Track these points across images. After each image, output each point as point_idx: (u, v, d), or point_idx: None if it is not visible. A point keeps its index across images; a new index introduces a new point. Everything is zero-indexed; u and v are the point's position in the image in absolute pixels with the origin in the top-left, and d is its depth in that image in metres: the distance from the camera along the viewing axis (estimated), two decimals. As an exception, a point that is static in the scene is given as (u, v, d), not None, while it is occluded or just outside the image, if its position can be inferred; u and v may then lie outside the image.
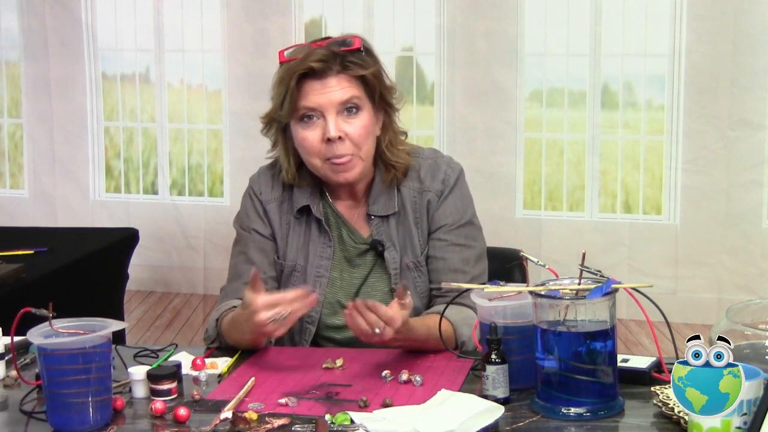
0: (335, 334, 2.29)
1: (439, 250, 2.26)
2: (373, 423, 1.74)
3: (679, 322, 4.58)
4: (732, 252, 4.84)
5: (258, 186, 2.34)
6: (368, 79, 2.20)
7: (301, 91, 2.18)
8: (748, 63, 4.72)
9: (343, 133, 2.17)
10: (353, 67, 2.18)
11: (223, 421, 1.78)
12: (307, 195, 2.29)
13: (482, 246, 2.32)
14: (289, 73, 2.18)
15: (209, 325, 2.26)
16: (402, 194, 2.28)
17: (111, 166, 5.70)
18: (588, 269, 1.85)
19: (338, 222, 2.30)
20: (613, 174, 5.04)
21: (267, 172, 2.35)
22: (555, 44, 5.00)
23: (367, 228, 2.29)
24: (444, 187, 2.27)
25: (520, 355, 1.88)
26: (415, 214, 2.27)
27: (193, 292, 5.53)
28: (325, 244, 2.27)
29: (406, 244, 2.26)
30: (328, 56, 2.17)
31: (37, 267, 3.25)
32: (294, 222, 2.30)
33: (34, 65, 5.63)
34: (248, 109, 5.31)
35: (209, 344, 2.24)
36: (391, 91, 2.26)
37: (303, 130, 2.20)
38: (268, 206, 2.31)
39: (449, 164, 2.30)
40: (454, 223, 2.27)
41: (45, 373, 1.77)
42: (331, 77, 2.17)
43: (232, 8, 5.33)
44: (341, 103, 2.17)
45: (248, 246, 2.31)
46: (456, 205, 2.28)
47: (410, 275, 2.25)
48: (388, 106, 2.26)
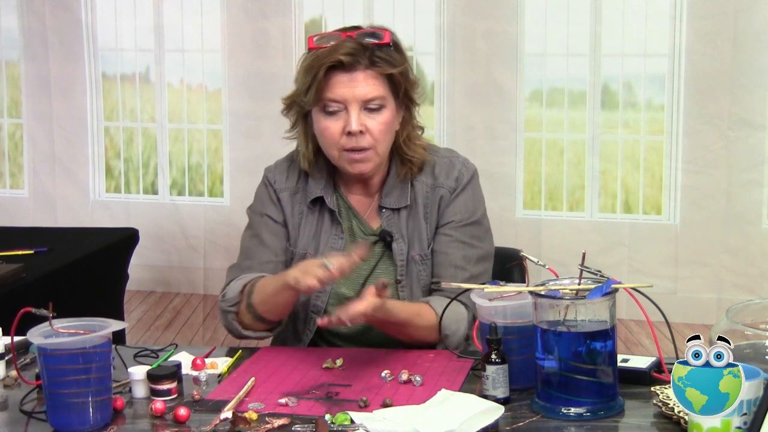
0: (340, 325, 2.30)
1: (443, 244, 2.28)
2: (373, 423, 1.74)
3: (679, 322, 4.57)
4: (732, 252, 4.84)
5: (273, 175, 2.37)
6: (395, 77, 2.21)
7: (327, 83, 2.19)
8: (748, 63, 4.72)
9: (364, 128, 2.20)
10: (381, 64, 2.20)
11: (223, 421, 1.78)
12: (321, 186, 2.31)
13: (487, 248, 2.33)
14: (318, 62, 2.18)
15: (228, 291, 2.24)
16: (415, 188, 2.30)
17: (111, 166, 5.70)
18: (588, 269, 1.85)
19: (349, 214, 2.32)
20: (613, 174, 5.04)
21: (282, 164, 2.39)
22: (555, 44, 5.00)
23: (377, 220, 2.31)
24: (457, 185, 2.30)
25: (520, 355, 1.88)
26: (426, 209, 2.29)
27: (193, 292, 5.53)
28: (337, 235, 2.29)
29: (414, 237, 2.29)
30: (357, 50, 2.18)
31: (37, 267, 3.25)
32: (307, 212, 2.32)
33: (34, 65, 5.64)
34: (248, 109, 5.32)
35: (227, 307, 2.23)
36: (414, 87, 2.28)
37: (325, 120, 2.22)
38: (281, 194, 2.34)
39: (464, 164, 2.33)
40: (462, 221, 2.29)
41: (45, 373, 1.77)
42: (358, 71, 2.19)
43: (232, 8, 5.34)
44: (366, 100, 2.19)
45: (261, 229, 2.34)
46: (466, 204, 2.30)
47: (415, 268, 2.28)
48: (410, 102, 2.29)
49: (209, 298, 5.40)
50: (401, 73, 2.23)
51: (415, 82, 2.28)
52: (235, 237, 5.85)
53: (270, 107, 5.37)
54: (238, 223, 5.64)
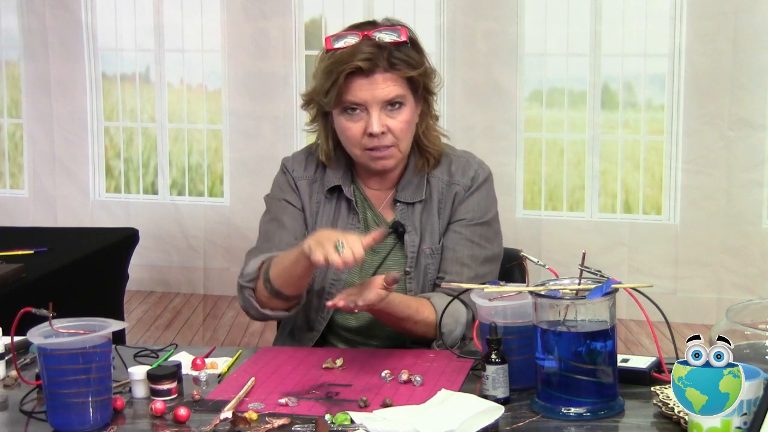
0: (350, 316, 2.32)
1: (451, 241, 2.31)
2: (373, 423, 1.74)
3: (679, 322, 4.58)
4: (732, 252, 4.84)
5: (291, 164, 2.39)
6: (414, 77, 2.23)
7: (347, 87, 2.21)
8: (748, 63, 4.72)
9: (385, 128, 2.22)
10: (401, 66, 2.21)
11: (223, 421, 1.78)
12: (339, 176, 2.33)
13: (495, 250, 2.35)
14: (337, 67, 2.19)
15: (247, 267, 2.25)
16: (431, 184, 2.33)
17: (111, 166, 5.70)
18: (588, 269, 1.85)
19: (365, 205, 2.35)
20: (613, 174, 5.04)
21: (300, 155, 2.41)
22: (555, 44, 5.01)
23: (391, 213, 2.33)
24: (472, 184, 2.33)
25: (520, 355, 1.88)
26: (440, 204, 2.32)
27: (193, 292, 5.53)
28: (353, 225, 2.31)
29: (426, 231, 2.31)
30: (375, 54, 2.19)
31: (37, 267, 3.25)
32: (324, 201, 2.34)
33: (34, 65, 5.64)
34: (248, 109, 5.32)
35: (245, 282, 2.23)
36: (432, 78, 2.29)
37: (346, 121, 2.24)
38: (299, 182, 2.36)
39: (481, 165, 2.37)
40: (473, 220, 2.31)
41: (45, 373, 1.77)
42: (378, 74, 2.20)
43: (232, 8, 5.34)
44: (386, 101, 2.20)
45: (281, 213, 2.35)
46: (479, 204, 2.32)
47: (425, 261, 2.30)
48: (429, 94, 2.30)
49: (209, 298, 5.40)
50: (420, 73, 2.24)
51: (432, 73, 2.29)
52: (235, 237, 5.88)
53: (270, 107, 5.39)
54: (238, 223, 5.67)
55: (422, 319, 2.19)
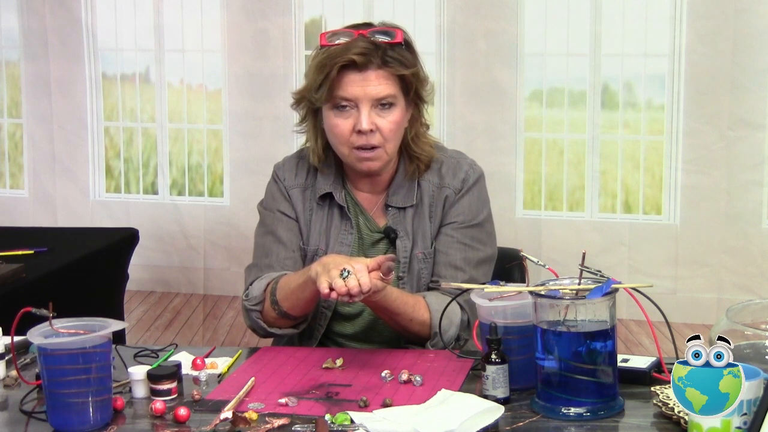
0: (346, 323, 2.32)
1: (443, 244, 2.30)
2: (373, 423, 1.74)
3: (679, 322, 4.57)
4: (732, 252, 4.84)
5: (282, 172, 2.39)
6: (406, 77, 2.23)
7: (339, 81, 2.21)
8: (748, 63, 4.71)
9: (374, 126, 2.22)
10: (394, 64, 2.22)
11: (223, 421, 1.78)
12: (330, 182, 2.33)
13: (489, 252, 2.34)
14: (330, 61, 2.20)
15: (252, 290, 2.26)
16: (421, 188, 2.32)
17: (111, 166, 5.70)
18: (588, 269, 1.85)
19: (356, 210, 2.35)
20: (613, 174, 5.04)
21: (291, 161, 2.40)
22: (555, 44, 5.00)
23: (383, 218, 2.33)
24: (463, 186, 2.32)
25: (520, 355, 1.88)
26: (431, 208, 2.31)
27: (193, 292, 5.53)
28: (346, 231, 2.31)
29: (418, 235, 2.31)
30: (369, 49, 2.19)
31: (37, 267, 3.25)
32: (316, 208, 2.35)
33: (34, 65, 5.63)
34: (248, 109, 5.31)
35: (252, 306, 2.24)
36: (424, 85, 2.30)
37: (335, 117, 2.23)
38: (291, 191, 2.36)
39: (471, 166, 2.36)
40: (465, 222, 2.30)
41: (45, 373, 1.77)
42: (371, 71, 2.21)
43: (232, 8, 5.33)
44: (377, 99, 2.20)
45: (276, 226, 2.35)
46: (470, 206, 2.31)
47: (417, 266, 2.29)
48: (420, 100, 2.30)
49: (209, 298, 5.39)
50: (413, 74, 2.24)
51: (425, 80, 2.30)
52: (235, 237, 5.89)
53: (270, 107, 5.39)
54: (238, 223, 5.68)
55: (417, 316, 2.19)
